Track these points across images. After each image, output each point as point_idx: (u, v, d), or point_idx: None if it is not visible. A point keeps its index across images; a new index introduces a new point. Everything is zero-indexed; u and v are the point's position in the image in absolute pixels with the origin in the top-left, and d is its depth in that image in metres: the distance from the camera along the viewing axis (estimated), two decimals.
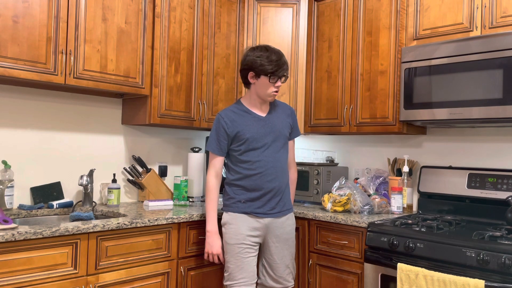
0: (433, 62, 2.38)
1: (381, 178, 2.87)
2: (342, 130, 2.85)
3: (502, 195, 2.38)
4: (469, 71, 2.25)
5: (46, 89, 2.51)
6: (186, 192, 2.85)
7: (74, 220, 2.19)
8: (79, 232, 1.93)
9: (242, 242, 2.19)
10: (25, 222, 2.31)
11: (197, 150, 3.06)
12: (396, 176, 2.80)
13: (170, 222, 2.27)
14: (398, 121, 2.59)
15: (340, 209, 2.58)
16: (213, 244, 2.25)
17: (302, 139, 3.49)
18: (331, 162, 3.09)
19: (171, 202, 2.67)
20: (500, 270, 1.81)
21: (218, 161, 2.29)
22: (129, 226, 2.10)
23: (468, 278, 1.82)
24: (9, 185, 2.31)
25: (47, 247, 1.86)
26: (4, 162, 2.33)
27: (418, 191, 2.70)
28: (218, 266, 2.52)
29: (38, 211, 2.38)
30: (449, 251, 1.96)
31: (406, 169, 2.69)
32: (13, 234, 1.74)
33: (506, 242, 1.88)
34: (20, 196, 2.44)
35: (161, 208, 2.58)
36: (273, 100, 2.30)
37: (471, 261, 1.89)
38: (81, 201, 2.55)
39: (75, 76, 2.27)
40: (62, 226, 1.90)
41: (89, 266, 1.99)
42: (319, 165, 2.93)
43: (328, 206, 2.60)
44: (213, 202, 2.26)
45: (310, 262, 2.55)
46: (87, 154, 2.71)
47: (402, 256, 2.11)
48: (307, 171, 2.94)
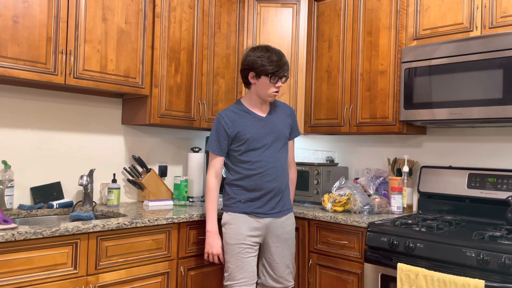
0: (433, 62, 2.38)
1: (381, 178, 2.87)
2: (342, 130, 2.85)
3: (502, 195, 2.38)
4: (469, 71, 2.25)
5: (46, 89, 2.51)
6: (186, 192, 2.85)
7: (74, 220, 2.20)
8: (79, 232, 1.93)
9: (242, 242, 2.19)
10: (25, 222, 2.31)
11: (197, 150, 3.06)
12: (396, 176, 2.80)
13: (170, 222, 2.27)
14: (398, 121, 2.59)
15: (340, 209, 2.58)
16: (213, 244, 2.25)
17: (302, 139, 3.49)
18: (331, 162, 3.09)
19: (171, 202, 2.67)
20: (500, 270, 1.81)
21: (218, 161, 2.29)
22: (129, 226, 2.10)
23: (468, 278, 1.82)
24: (9, 185, 2.31)
25: (47, 247, 1.86)
26: (4, 162, 2.33)
27: (418, 191, 2.70)
28: (218, 266, 2.52)
29: (38, 211, 2.38)
30: (449, 251, 1.96)
31: (406, 169, 2.69)
32: (13, 234, 1.74)
33: (506, 242, 1.88)
34: (20, 196, 2.44)
35: (161, 208, 2.58)
36: (273, 100, 2.30)
37: (471, 261, 1.89)
38: (81, 201, 2.55)
39: (75, 76, 2.27)
40: (62, 226, 1.90)
41: (89, 266, 1.99)
42: (319, 165, 2.93)
43: (328, 206, 2.60)
44: (213, 202, 2.26)
45: (310, 262, 2.55)
46: (87, 154, 2.71)
47: (402, 256, 2.11)
48: (307, 171, 2.94)
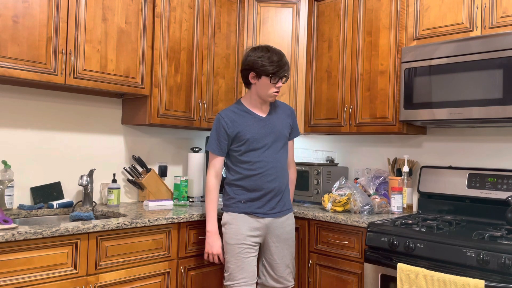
0: (433, 62, 2.38)
1: (381, 178, 2.87)
2: (342, 130, 2.85)
3: (502, 195, 2.38)
4: (469, 71, 2.25)
5: (46, 89, 2.51)
6: (186, 192, 2.85)
7: (74, 220, 2.20)
8: (79, 232, 1.93)
9: (242, 242, 2.19)
10: (25, 222, 2.31)
11: (197, 150, 3.06)
12: (396, 176, 2.80)
13: (170, 222, 2.27)
14: (398, 121, 2.59)
15: (340, 209, 2.58)
16: (213, 244, 2.25)
17: (302, 139, 3.49)
18: (331, 162, 3.09)
19: (171, 202, 2.67)
20: (500, 270, 1.81)
21: (218, 161, 2.29)
22: (129, 226, 2.10)
23: (468, 278, 1.82)
24: (9, 185, 2.31)
25: (47, 247, 1.86)
26: (4, 162, 2.33)
27: (418, 191, 2.70)
28: (218, 266, 2.52)
29: (38, 211, 2.38)
30: (449, 251, 1.96)
31: (406, 169, 2.69)
32: (13, 234, 1.74)
33: (506, 242, 1.88)
34: (20, 196, 2.44)
35: (161, 208, 2.58)
36: (273, 100, 2.30)
37: (471, 261, 1.89)
38: (81, 201, 2.55)
39: (75, 76, 2.27)
40: (62, 226, 1.90)
41: (89, 266, 1.99)
42: (319, 165, 2.92)
43: (328, 206, 2.60)
44: (213, 202, 2.26)
45: (310, 262, 2.55)
46: (87, 154, 2.71)
47: (402, 256, 2.11)
48: (307, 171, 2.94)
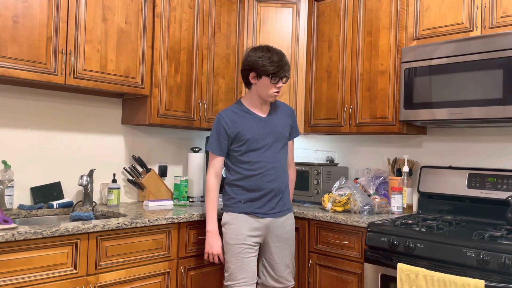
0: (433, 62, 2.38)
1: (381, 178, 2.87)
2: (342, 130, 2.85)
3: (502, 195, 2.38)
4: (469, 71, 2.25)
5: (46, 89, 2.51)
6: (186, 192, 2.85)
7: (74, 220, 2.19)
8: (79, 232, 1.93)
9: (242, 242, 2.19)
10: (25, 222, 2.31)
11: (197, 150, 3.06)
12: (396, 176, 2.80)
13: (170, 222, 2.27)
14: (398, 121, 2.59)
15: (340, 209, 2.58)
16: (213, 244, 2.25)
17: (302, 139, 3.49)
18: (331, 162, 3.09)
19: (171, 202, 2.67)
20: (500, 270, 1.81)
21: (218, 161, 2.29)
22: (129, 226, 2.10)
23: (468, 278, 1.82)
24: (9, 185, 2.31)
25: (47, 247, 1.86)
26: (4, 162, 2.33)
27: (418, 191, 2.70)
28: (218, 266, 2.52)
29: (38, 211, 2.38)
30: (449, 251, 1.96)
31: (406, 169, 2.69)
32: (13, 234, 1.74)
33: (506, 242, 1.88)
34: (20, 196, 2.44)
35: (161, 208, 2.57)
36: (274, 100, 2.29)
37: (471, 261, 1.89)
38: (81, 201, 2.55)
39: (75, 76, 2.27)
40: (62, 226, 1.90)
41: (89, 266, 1.99)
42: (319, 165, 2.92)
43: (328, 206, 2.60)
44: (213, 202, 2.26)
45: (310, 262, 2.55)
46: (87, 154, 2.71)
47: (402, 256, 2.11)
48: (307, 171, 2.94)
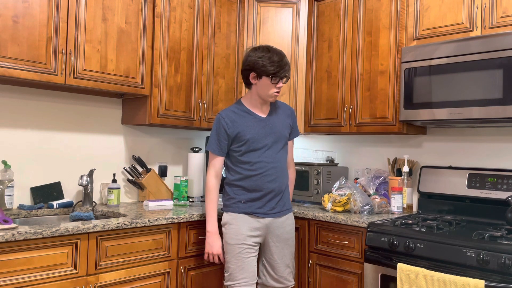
0: (433, 62, 2.38)
1: (381, 178, 2.87)
2: (342, 130, 2.85)
3: (502, 195, 2.38)
4: (469, 71, 2.25)
5: (46, 89, 2.51)
6: (186, 192, 2.85)
7: (74, 220, 2.19)
8: (79, 232, 1.93)
9: (242, 242, 2.19)
10: (25, 222, 2.31)
11: (197, 150, 3.06)
12: (396, 176, 2.80)
13: (170, 222, 2.27)
14: (398, 121, 2.59)
15: (340, 209, 2.58)
16: (213, 244, 2.25)
17: (302, 139, 3.49)
18: (331, 162, 3.09)
19: (171, 202, 2.67)
20: (500, 270, 1.81)
21: (218, 161, 2.29)
22: (129, 226, 2.10)
23: (468, 278, 1.82)
24: (9, 185, 2.31)
25: (47, 247, 1.86)
26: (4, 162, 2.33)
27: (418, 191, 2.70)
28: (218, 266, 2.52)
29: (38, 211, 2.38)
30: (449, 251, 1.96)
31: (406, 169, 2.69)
32: (13, 234, 1.74)
33: (506, 242, 1.88)
34: (20, 196, 2.44)
35: (161, 208, 2.57)
36: (274, 100, 2.29)
37: (471, 261, 1.89)
38: (81, 201, 2.55)
39: (75, 76, 2.27)
40: (62, 226, 1.90)
41: (89, 266, 1.99)
42: (319, 165, 2.92)
43: (328, 206, 2.60)
44: (213, 202, 2.26)
45: (310, 262, 2.55)
46: (87, 154, 2.71)
47: (402, 256, 2.11)
48: (307, 171, 2.94)
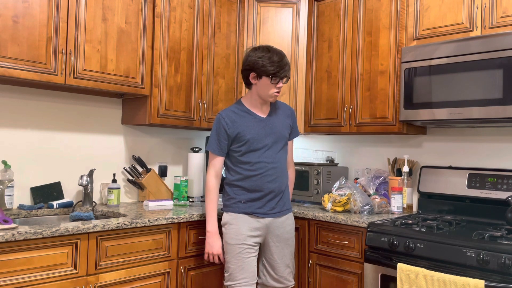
0: (433, 62, 2.38)
1: (381, 178, 2.87)
2: (342, 130, 2.85)
3: (502, 195, 2.38)
4: (469, 71, 2.25)
5: (46, 89, 2.51)
6: (186, 192, 2.85)
7: (74, 220, 2.19)
8: (79, 232, 1.93)
9: (242, 242, 2.19)
10: (25, 222, 2.31)
11: (197, 150, 3.06)
12: (396, 176, 2.80)
13: (170, 222, 2.27)
14: (398, 121, 2.59)
15: (340, 209, 2.58)
16: (213, 244, 2.25)
17: (302, 139, 3.49)
18: (331, 162, 3.09)
19: (171, 202, 2.67)
20: (500, 270, 1.81)
21: (218, 161, 2.29)
22: (129, 226, 2.10)
23: (468, 278, 1.82)
24: (9, 185, 2.31)
25: (47, 247, 1.86)
26: (4, 162, 2.33)
27: (418, 191, 2.70)
28: (218, 266, 2.52)
29: (38, 211, 2.38)
30: (449, 251, 1.96)
31: (406, 169, 2.69)
32: (13, 234, 1.74)
33: (506, 242, 1.88)
34: (20, 196, 2.44)
35: (161, 208, 2.58)
36: (274, 101, 2.29)
37: (471, 261, 1.89)
38: (81, 201, 2.55)
39: (75, 76, 2.27)
40: (62, 226, 1.90)
41: (89, 266, 1.99)
42: (319, 165, 2.92)
43: (328, 206, 2.60)
44: (213, 202, 2.26)
45: (310, 262, 2.55)
46: (87, 154, 2.71)
47: (402, 256, 2.11)
48: (307, 171, 2.94)
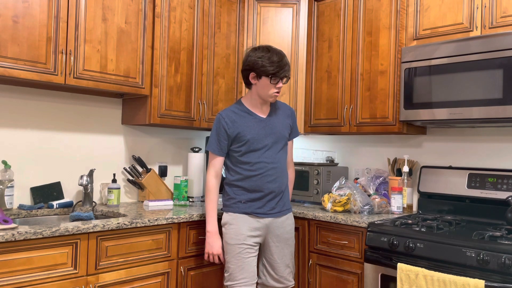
0: (433, 62, 2.38)
1: (381, 178, 2.87)
2: (342, 130, 2.85)
3: (502, 195, 2.38)
4: (469, 71, 2.25)
5: (46, 89, 2.51)
6: (186, 192, 2.85)
7: (74, 220, 2.19)
8: (79, 232, 1.93)
9: (242, 242, 2.19)
10: (25, 222, 2.31)
11: (197, 150, 3.06)
12: (396, 176, 2.80)
13: (170, 222, 2.27)
14: (398, 121, 2.59)
15: (340, 209, 2.58)
16: (213, 244, 2.25)
17: (302, 139, 3.49)
18: (331, 162, 3.09)
19: (171, 202, 2.67)
20: (500, 270, 1.81)
21: (218, 161, 2.29)
22: (129, 226, 2.10)
23: (468, 278, 1.82)
24: (9, 185, 2.31)
25: (47, 247, 1.86)
26: (4, 162, 2.33)
27: (418, 191, 2.70)
28: (218, 266, 2.52)
29: (38, 211, 2.38)
30: (449, 251, 1.96)
31: (406, 169, 2.69)
32: (13, 234, 1.74)
33: (506, 242, 1.88)
34: (20, 196, 2.44)
35: (161, 208, 2.58)
36: (274, 101, 2.29)
37: (471, 261, 1.89)
38: (81, 201, 2.55)
39: (75, 76, 2.27)
40: (62, 226, 1.90)
41: (89, 266, 1.99)
42: (319, 165, 2.92)
43: (328, 206, 2.60)
44: (213, 202, 2.26)
45: (310, 262, 2.55)
46: (87, 154, 2.71)
47: (402, 256, 2.11)
48: (307, 171, 2.94)
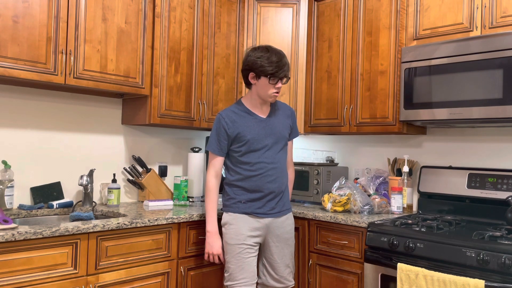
0: (433, 62, 2.38)
1: (381, 178, 2.87)
2: (342, 130, 2.85)
3: (502, 195, 2.38)
4: (469, 71, 2.25)
5: (46, 89, 2.51)
6: (186, 192, 2.85)
7: (74, 220, 2.19)
8: (79, 232, 1.93)
9: (242, 242, 2.19)
10: (25, 222, 2.31)
11: (197, 150, 3.06)
12: (396, 176, 2.80)
13: (170, 222, 2.27)
14: (398, 121, 2.59)
15: (340, 209, 2.58)
16: (213, 244, 2.25)
17: (302, 139, 3.49)
18: (331, 162, 3.09)
19: (171, 202, 2.67)
20: (500, 270, 1.81)
21: (218, 161, 2.29)
22: (129, 226, 2.10)
23: (468, 278, 1.82)
24: (9, 185, 2.31)
25: (47, 247, 1.86)
26: (4, 162, 2.33)
27: (418, 191, 2.70)
28: (218, 266, 2.52)
29: (38, 211, 2.38)
30: (449, 251, 1.96)
31: (406, 169, 2.69)
32: (13, 234, 1.74)
33: (506, 242, 1.88)
34: (20, 196, 2.44)
35: (161, 208, 2.58)
36: (273, 101, 2.29)
37: (471, 261, 1.89)
38: (81, 201, 2.55)
39: (75, 76, 2.27)
40: (62, 226, 1.90)
41: (89, 266, 1.99)
42: (319, 165, 2.92)
43: (328, 206, 2.60)
44: (213, 202, 2.26)
45: (310, 262, 2.55)
46: (87, 154, 2.71)
47: (402, 256, 2.11)
48: (307, 171, 2.94)
